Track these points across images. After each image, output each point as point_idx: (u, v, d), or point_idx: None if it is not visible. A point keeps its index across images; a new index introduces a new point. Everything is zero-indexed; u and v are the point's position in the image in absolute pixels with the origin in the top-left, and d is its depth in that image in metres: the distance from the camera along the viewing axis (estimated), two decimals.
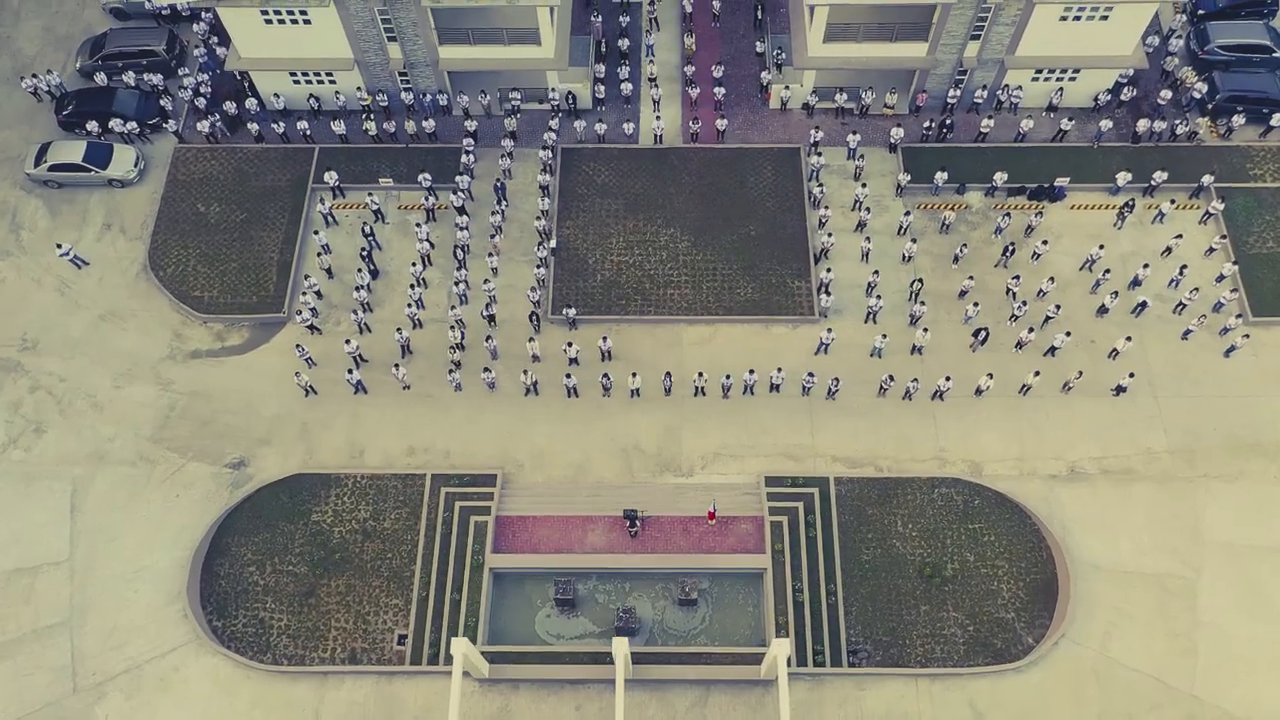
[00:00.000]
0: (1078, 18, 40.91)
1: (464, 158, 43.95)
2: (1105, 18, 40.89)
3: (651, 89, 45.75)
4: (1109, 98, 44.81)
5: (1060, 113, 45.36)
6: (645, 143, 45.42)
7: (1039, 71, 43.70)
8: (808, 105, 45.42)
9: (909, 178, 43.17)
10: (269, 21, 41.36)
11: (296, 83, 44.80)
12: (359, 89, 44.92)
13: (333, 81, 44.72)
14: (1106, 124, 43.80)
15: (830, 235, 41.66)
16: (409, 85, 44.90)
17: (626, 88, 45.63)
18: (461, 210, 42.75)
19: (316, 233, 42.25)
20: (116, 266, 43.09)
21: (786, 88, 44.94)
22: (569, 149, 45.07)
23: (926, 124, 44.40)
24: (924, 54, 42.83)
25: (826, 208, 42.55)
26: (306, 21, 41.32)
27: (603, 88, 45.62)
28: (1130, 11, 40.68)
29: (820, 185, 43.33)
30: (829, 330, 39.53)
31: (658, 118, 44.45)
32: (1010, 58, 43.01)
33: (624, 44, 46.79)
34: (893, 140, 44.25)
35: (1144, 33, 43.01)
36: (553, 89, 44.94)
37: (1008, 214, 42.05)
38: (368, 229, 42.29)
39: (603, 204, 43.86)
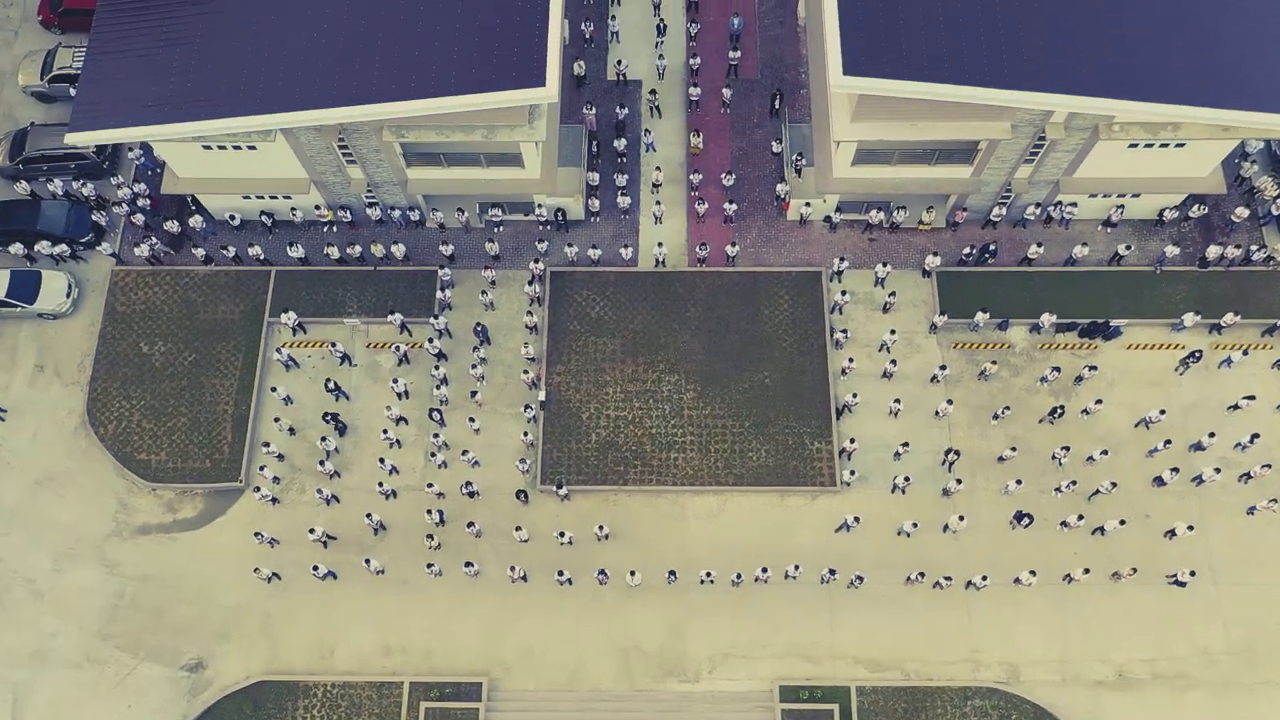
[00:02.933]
0: (1149, 145, 35.07)
1: (440, 293, 38.64)
2: (1181, 144, 35.05)
3: (654, 203, 39.97)
4: (1175, 214, 39.18)
5: (1119, 230, 39.79)
6: (645, 264, 39.98)
7: None
8: (830, 218, 39.81)
9: (945, 319, 38.00)
10: (208, 148, 35.52)
11: (246, 198, 39.08)
12: (317, 207, 39.25)
13: (287, 197, 38.98)
14: (1172, 250, 38.33)
15: (855, 396, 36.79)
16: (374, 200, 39.22)
17: (625, 201, 39.90)
18: (439, 356, 37.82)
19: (274, 389, 37.35)
20: (52, 418, 38.36)
21: (807, 204, 39.25)
22: (559, 272, 39.69)
23: (967, 250, 38.96)
24: (968, 176, 37.08)
25: (851, 360, 37.48)
26: (251, 148, 35.47)
27: (597, 201, 39.88)
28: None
29: (844, 330, 38.12)
30: (856, 519, 35.10)
31: (659, 245, 38.94)
32: (1067, 179, 37.32)
33: (621, 144, 40.68)
34: (927, 268, 38.87)
35: None
36: (540, 205, 39.27)
37: (1057, 368, 37.05)
38: (331, 385, 37.35)
39: (598, 344, 38.77)
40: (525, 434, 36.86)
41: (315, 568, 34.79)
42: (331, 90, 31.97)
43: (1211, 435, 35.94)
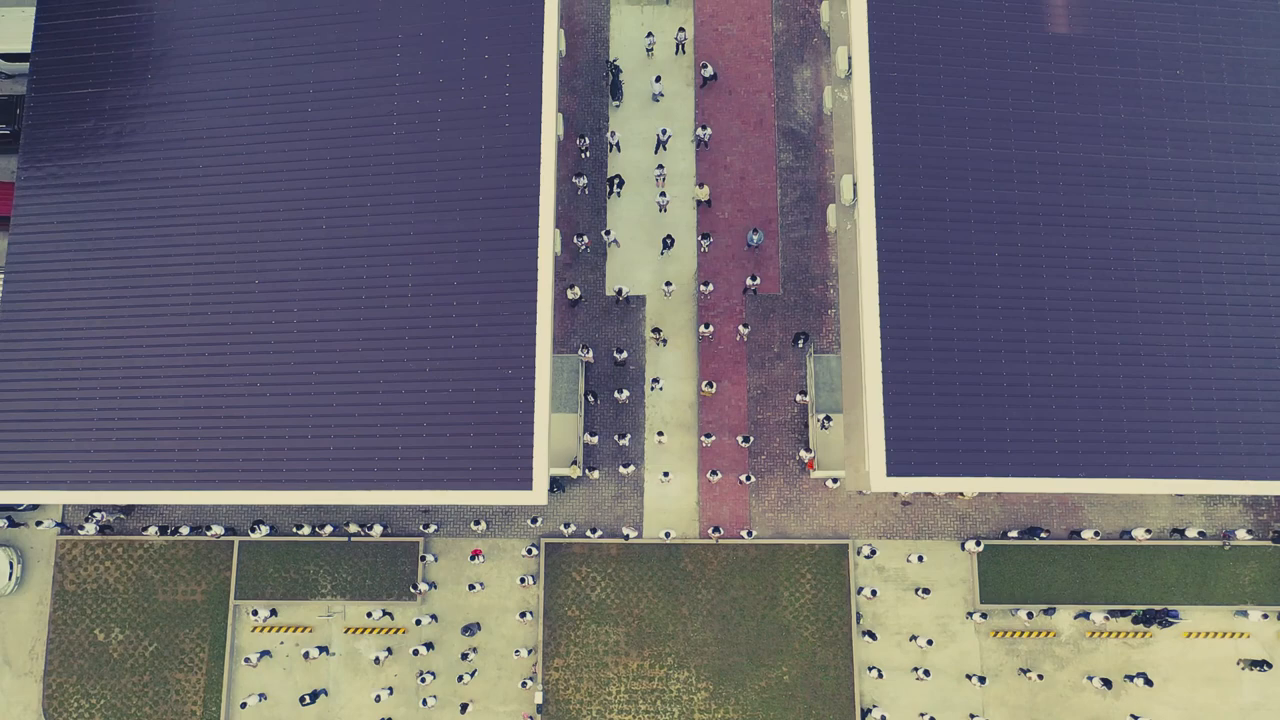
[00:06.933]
0: None
1: (416, 588, 34.71)
2: None
3: (662, 474, 35.33)
4: None
5: (1185, 498, 35.32)
6: (651, 533, 35.77)
7: None
8: None
9: (985, 617, 34.20)
10: None
11: None
12: None
13: None
14: (1243, 533, 34.10)
15: (885, 716, 33.46)
16: None
17: (627, 471, 35.34)
18: (427, 647, 34.42)
19: (244, 704, 34.10)
20: (7, 716, 35.29)
21: (834, 479, 34.69)
22: (555, 544, 35.59)
23: (1014, 533, 34.66)
24: None
25: (881, 674, 33.87)
26: None
27: (596, 471, 35.30)
28: None
29: (872, 633, 34.36)
30: None
31: (667, 534, 34.68)
32: None
33: (623, 395, 35.66)
34: (967, 549, 34.72)
35: None
36: None
37: (1107, 682, 33.54)
38: (306, 700, 34.00)
39: (599, 634, 35.14)
40: None
41: None
42: (279, 471, 27.20)
43: None
